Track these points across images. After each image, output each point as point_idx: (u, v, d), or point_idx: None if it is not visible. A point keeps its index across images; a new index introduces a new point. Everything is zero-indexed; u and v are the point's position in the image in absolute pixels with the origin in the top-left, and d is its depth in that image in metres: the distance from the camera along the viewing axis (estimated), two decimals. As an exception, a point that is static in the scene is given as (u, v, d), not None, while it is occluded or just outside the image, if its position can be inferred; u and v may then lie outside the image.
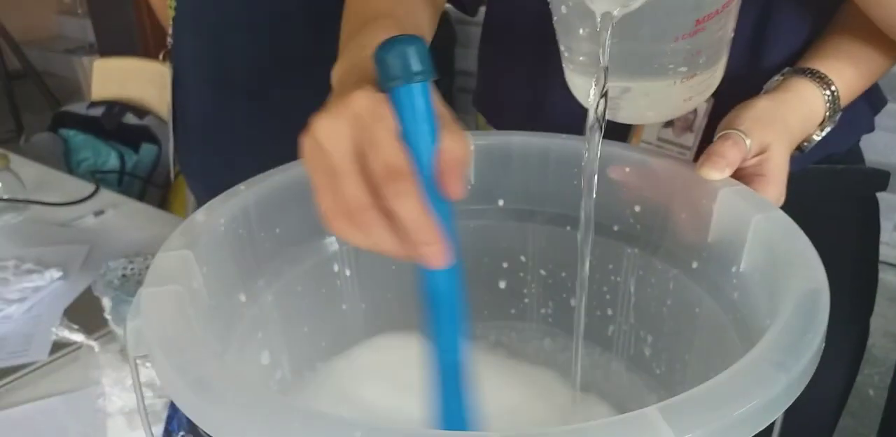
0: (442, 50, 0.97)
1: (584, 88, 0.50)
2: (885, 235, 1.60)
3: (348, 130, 0.34)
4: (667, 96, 0.49)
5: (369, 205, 0.33)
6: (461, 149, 0.35)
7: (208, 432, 0.27)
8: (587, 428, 0.25)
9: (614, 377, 0.53)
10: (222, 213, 0.43)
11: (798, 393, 0.29)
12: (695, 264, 0.45)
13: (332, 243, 0.50)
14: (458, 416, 0.40)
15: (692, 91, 0.49)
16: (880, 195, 0.68)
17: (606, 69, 0.40)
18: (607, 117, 0.51)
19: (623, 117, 0.52)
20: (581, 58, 0.48)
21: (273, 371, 0.46)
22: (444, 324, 0.39)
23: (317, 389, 0.49)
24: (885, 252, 1.67)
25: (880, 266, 0.72)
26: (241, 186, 0.46)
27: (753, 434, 0.27)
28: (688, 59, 0.46)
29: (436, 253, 0.34)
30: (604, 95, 0.41)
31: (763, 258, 0.39)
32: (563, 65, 0.51)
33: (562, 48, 0.50)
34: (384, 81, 0.34)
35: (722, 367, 0.42)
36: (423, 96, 0.34)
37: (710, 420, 0.26)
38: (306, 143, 0.35)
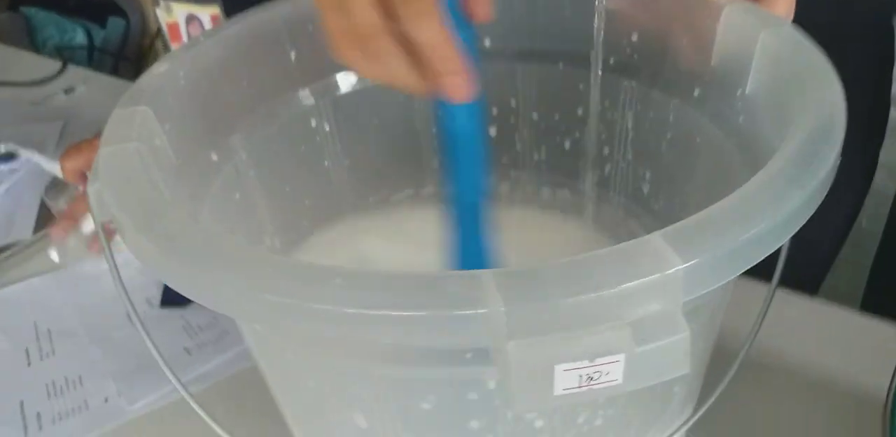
0: None
1: None
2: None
3: None
4: None
5: (383, 29, 0.29)
6: None
7: (181, 291, 0.25)
8: (586, 260, 0.23)
9: (615, 218, 0.51)
10: (181, 66, 0.40)
11: (812, 211, 0.27)
12: (697, 92, 0.42)
13: (306, 97, 0.47)
14: (479, 259, 0.39)
15: None
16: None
17: None
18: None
19: None
20: None
21: (260, 237, 0.44)
22: (465, 164, 0.37)
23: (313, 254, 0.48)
24: None
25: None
26: (201, 37, 0.42)
27: (764, 257, 0.25)
28: None
29: (459, 84, 0.30)
30: None
31: (771, 77, 0.36)
32: None
33: None
34: None
35: (725, 194, 0.41)
36: None
37: (719, 243, 0.24)
38: None
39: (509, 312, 0.22)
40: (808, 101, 0.31)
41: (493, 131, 0.53)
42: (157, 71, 0.38)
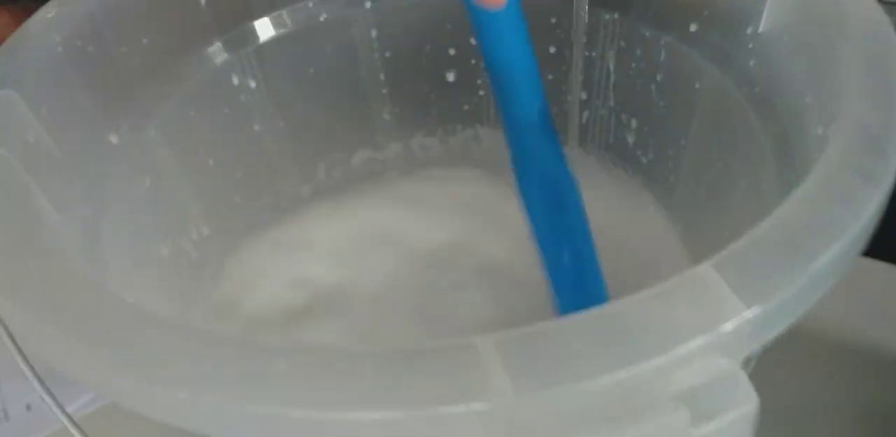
0: None
1: None
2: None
3: None
4: None
5: None
6: None
7: (64, 375, 0.18)
8: (617, 314, 0.17)
9: (594, 172, 0.45)
10: (56, 26, 0.31)
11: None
12: (693, 27, 0.35)
13: (222, 49, 0.38)
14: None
15: None
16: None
17: None
18: None
19: None
20: None
21: (185, 229, 0.37)
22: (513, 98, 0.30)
23: (252, 249, 0.41)
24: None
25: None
26: (80, -15, 0.33)
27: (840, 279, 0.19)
28: None
29: None
30: None
31: (793, 12, 0.29)
32: None
33: None
34: None
35: (730, 148, 0.35)
36: None
37: (792, 274, 0.17)
38: None
39: (523, 403, 0.16)
40: (851, 51, 0.25)
41: (451, 76, 0.46)
42: (24, 36, 0.30)
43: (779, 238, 0.18)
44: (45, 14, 0.31)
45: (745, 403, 0.17)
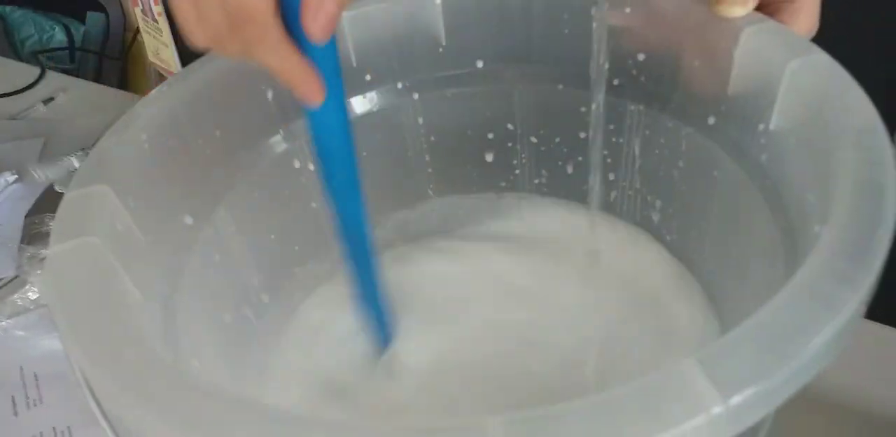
0: None
1: None
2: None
3: None
4: None
5: (229, 38, 0.29)
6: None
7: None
8: (611, 401, 0.20)
9: (625, 243, 0.47)
10: (144, 124, 0.36)
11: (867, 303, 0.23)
12: (711, 120, 0.38)
13: (288, 137, 0.43)
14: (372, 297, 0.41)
15: None
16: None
17: None
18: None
19: None
20: None
21: (246, 295, 0.41)
22: (335, 188, 0.38)
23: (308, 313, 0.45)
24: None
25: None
26: (164, 87, 0.38)
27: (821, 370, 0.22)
28: None
29: (307, 92, 0.31)
30: None
31: (801, 117, 0.32)
32: None
33: None
34: None
35: (745, 235, 0.37)
36: None
37: (765, 371, 0.20)
38: None
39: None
40: (847, 158, 0.27)
41: (489, 157, 0.49)
42: (116, 135, 0.35)
43: (759, 337, 0.21)
44: (135, 113, 0.36)
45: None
